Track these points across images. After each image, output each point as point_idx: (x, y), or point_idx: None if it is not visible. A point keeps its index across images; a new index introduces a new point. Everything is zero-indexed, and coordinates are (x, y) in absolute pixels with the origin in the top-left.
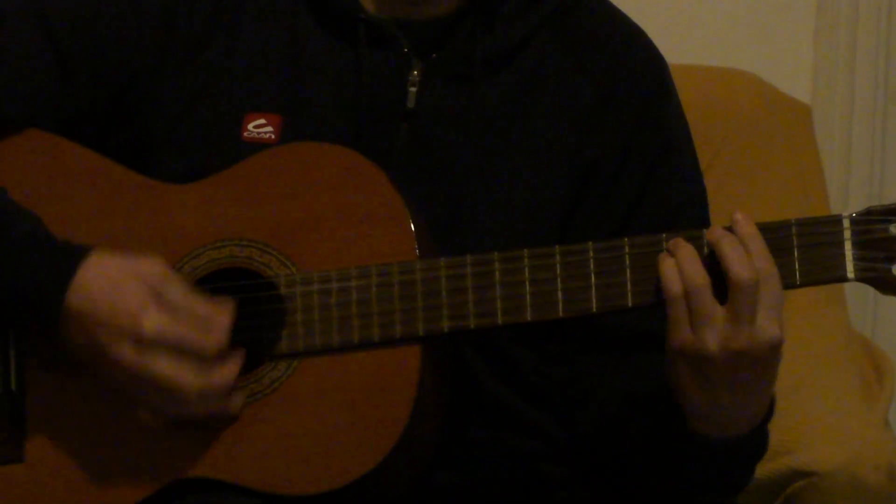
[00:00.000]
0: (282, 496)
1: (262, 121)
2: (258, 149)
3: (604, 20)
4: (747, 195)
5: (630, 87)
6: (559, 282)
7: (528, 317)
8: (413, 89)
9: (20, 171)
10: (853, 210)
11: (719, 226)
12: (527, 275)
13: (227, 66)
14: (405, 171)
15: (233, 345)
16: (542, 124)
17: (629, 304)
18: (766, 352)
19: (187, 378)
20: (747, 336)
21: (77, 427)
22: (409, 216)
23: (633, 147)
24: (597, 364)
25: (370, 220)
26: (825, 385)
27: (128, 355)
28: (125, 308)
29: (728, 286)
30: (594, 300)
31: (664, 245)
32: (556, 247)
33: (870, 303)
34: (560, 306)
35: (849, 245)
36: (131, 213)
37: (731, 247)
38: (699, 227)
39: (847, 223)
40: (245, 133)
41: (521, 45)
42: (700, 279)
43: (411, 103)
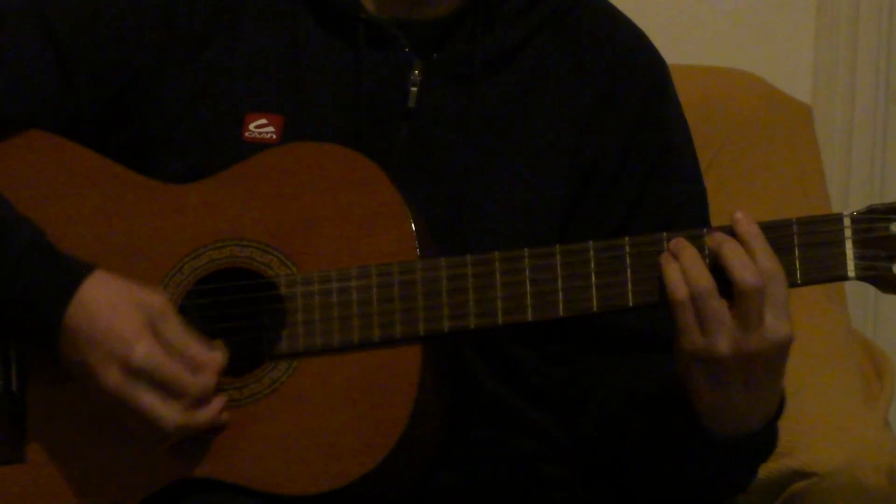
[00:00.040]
0: (282, 496)
1: (264, 121)
2: (259, 149)
3: (604, 20)
4: (747, 195)
5: (630, 87)
6: (560, 281)
7: (529, 316)
8: (414, 89)
9: (21, 171)
10: (854, 210)
11: (719, 231)
12: (527, 274)
13: (228, 67)
14: (406, 171)
15: (233, 345)
16: (542, 124)
17: (630, 303)
18: (777, 350)
19: (168, 414)
20: (758, 338)
21: (77, 428)
22: (410, 216)
23: (633, 147)
24: (597, 364)
25: (371, 219)
26: (825, 385)
27: (114, 379)
28: (120, 333)
29: (734, 292)
30: (595, 300)
31: (665, 245)
32: (557, 246)
33: (870, 302)
34: (560, 306)
35: (849, 244)
36: (132, 213)
37: (733, 252)
38: (699, 228)
39: (848, 222)
40: (246, 133)
41: (522, 45)
42: (705, 283)
43: (412, 103)
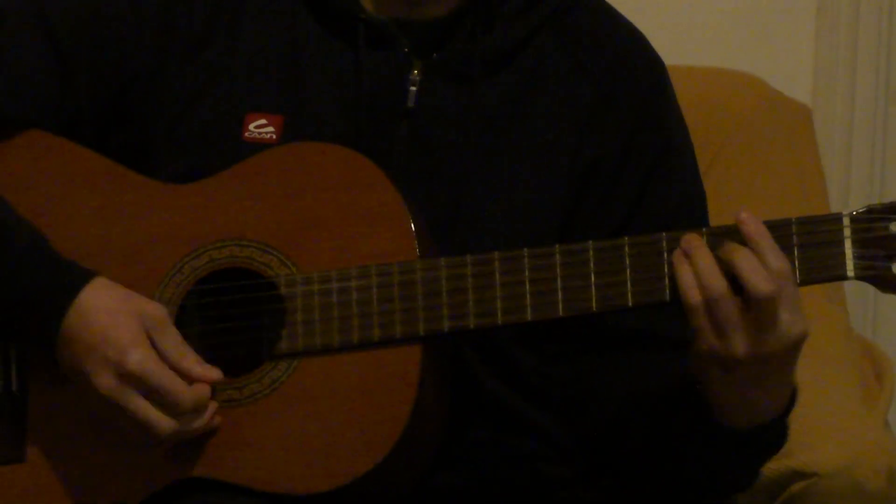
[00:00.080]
0: (282, 496)
1: (264, 121)
2: (259, 149)
3: (603, 21)
4: (747, 196)
5: (629, 87)
6: (559, 281)
7: (529, 316)
8: (413, 89)
9: (21, 171)
10: (853, 210)
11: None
12: (527, 274)
13: (228, 67)
14: (405, 171)
15: (233, 344)
16: (541, 124)
17: (629, 303)
18: (793, 348)
19: (160, 422)
20: (774, 338)
21: (77, 428)
22: (410, 216)
23: (632, 147)
24: (597, 364)
25: (370, 219)
26: (825, 386)
27: (107, 384)
28: (116, 339)
29: (748, 298)
30: (594, 299)
31: (664, 244)
32: (557, 246)
33: (870, 303)
34: (560, 306)
35: (849, 243)
36: (132, 213)
37: (745, 260)
38: (699, 228)
39: (847, 221)
40: (246, 133)
41: (521, 45)
42: (719, 287)
43: (411, 103)
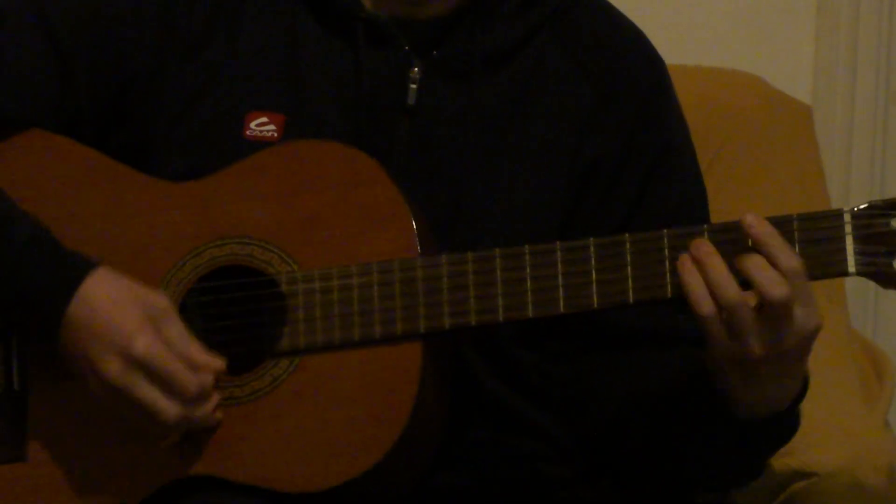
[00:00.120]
0: (282, 494)
1: (265, 119)
2: (260, 147)
3: (603, 20)
4: (748, 196)
5: (629, 86)
6: (560, 278)
7: (530, 313)
8: (413, 87)
9: (21, 170)
10: (854, 206)
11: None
12: (528, 271)
13: (228, 66)
14: (406, 169)
15: (234, 342)
16: (541, 124)
17: (630, 300)
18: (808, 341)
19: (167, 408)
20: (790, 336)
21: (79, 426)
22: (411, 213)
23: (632, 146)
24: (598, 362)
25: (371, 217)
26: (825, 385)
27: (114, 370)
28: (121, 326)
29: (762, 304)
30: (595, 296)
31: (665, 241)
32: (558, 243)
33: (870, 302)
34: (561, 302)
35: (850, 240)
36: (133, 211)
37: (757, 268)
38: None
39: (848, 217)
40: (247, 132)
41: (521, 44)
42: (735, 297)
43: (411, 101)
